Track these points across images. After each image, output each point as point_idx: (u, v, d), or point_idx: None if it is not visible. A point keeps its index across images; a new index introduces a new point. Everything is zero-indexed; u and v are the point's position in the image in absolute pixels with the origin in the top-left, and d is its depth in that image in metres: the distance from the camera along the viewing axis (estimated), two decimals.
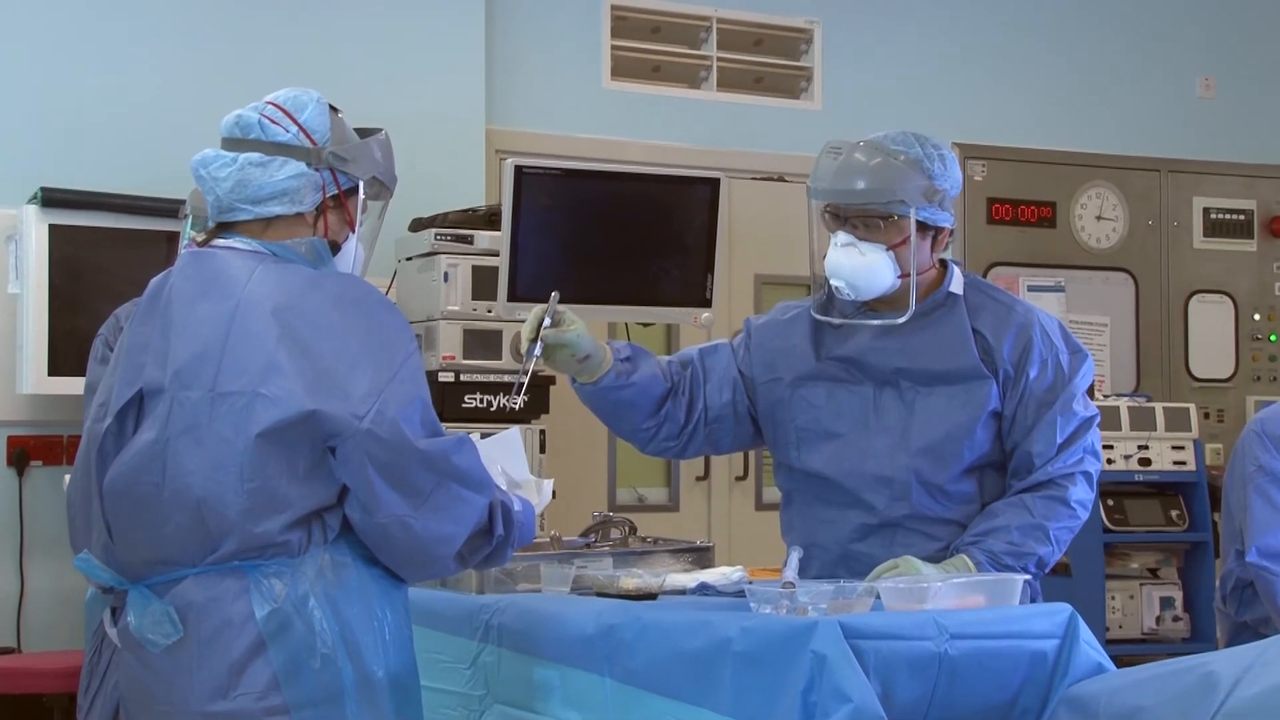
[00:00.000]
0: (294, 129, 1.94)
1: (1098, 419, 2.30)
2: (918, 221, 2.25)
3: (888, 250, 2.25)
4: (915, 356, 2.29)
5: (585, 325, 2.34)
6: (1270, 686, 1.60)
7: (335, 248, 1.97)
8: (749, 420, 2.42)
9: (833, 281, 2.29)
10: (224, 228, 1.96)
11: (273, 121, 1.94)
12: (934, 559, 2.24)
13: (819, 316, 2.36)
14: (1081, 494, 2.25)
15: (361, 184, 1.99)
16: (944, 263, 2.36)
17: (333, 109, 2.00)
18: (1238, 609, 2.54)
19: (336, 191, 1.96)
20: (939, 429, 2.26)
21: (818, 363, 2.35)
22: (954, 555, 2.23)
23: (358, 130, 2.02)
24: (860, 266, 2.25)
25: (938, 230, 2.31)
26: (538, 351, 2.28)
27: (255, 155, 1.92)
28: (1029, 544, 2.21)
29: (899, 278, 2.26)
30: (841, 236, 2.26)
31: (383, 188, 2.05)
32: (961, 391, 2.26)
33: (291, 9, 4.21)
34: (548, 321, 2.31)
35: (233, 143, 1.95)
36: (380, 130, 2.05)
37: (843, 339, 2.35)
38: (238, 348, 1.82)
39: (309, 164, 1.93)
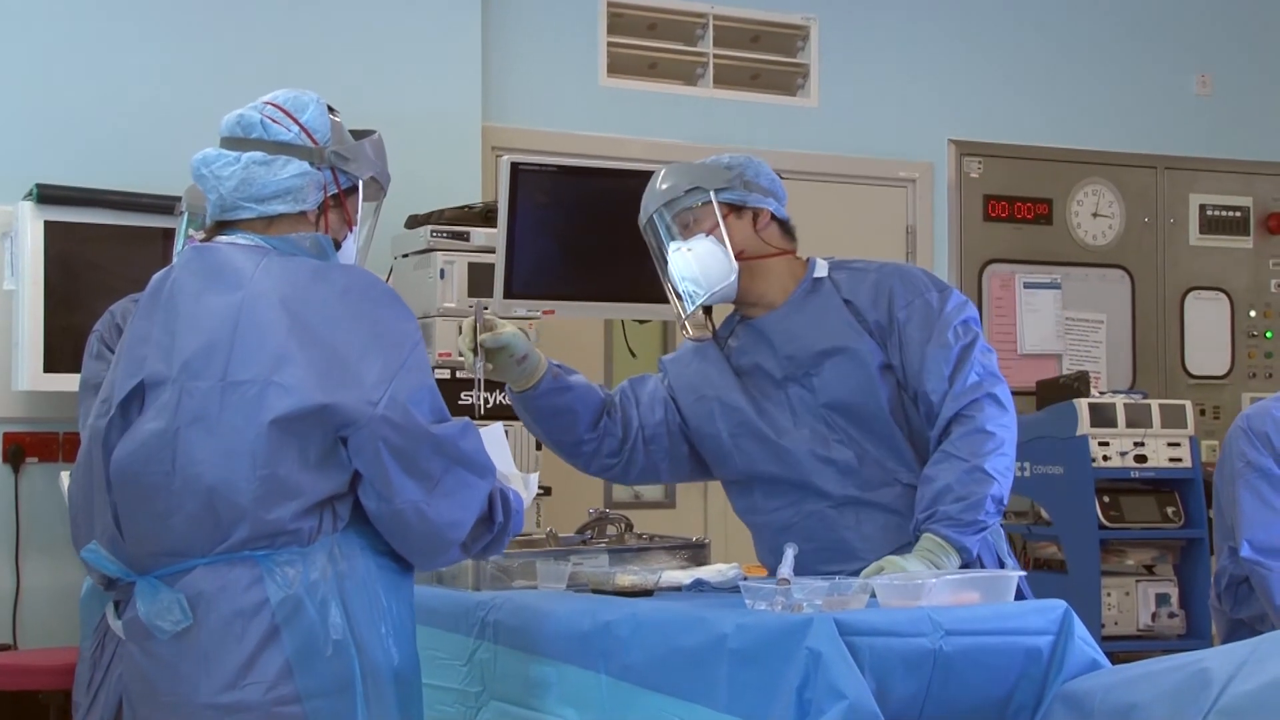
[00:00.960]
0: (296, 129, 1.96)
1: (979, 341, 2.32)
2: (729, 204, 2.40)
3: (708, 236, 2.38)
4: (799, 342, 2.38)
5: (519, 336, 2.40)
6: (1263, 683, 1.61)
7: (335, 246, 1.99)
8: (683, 440, 2.49)
9: (682, 287, 2.41)
10: (225, 226, 1.97)
11: (274, 121, 1.96)
12: (900, 529, 2.29)
13: (692, 337, 2.48)
14: (993, 414, 2.26)
15: (360, 183, 2.03)
16: (807, 260, 2.47)
17: (330, 110, 2.02)
18: (1233, 606, 2.55)
19: (337, 190, 1.98)
20: (840, 394, 2.34)
21: (733, 375, 2.45)
22: (917, 539, 2.24)
23: (352, 132, 2.05)
24: (694, 260, 2.38)
25: (756, 212, 2.43)
26: (481, 361, 2.34)
27: (258, 154, 1.93)
28: (973, 489, 2.21)
29: (736, 262, 2.37)
30: (671, 246, 2.41)
31: (379, 188, 2.08)
32: (847, 357, 2.35)
33: (288, 5, 4.21)
34: (480, 332, 2.37)
35: (234, 142, 1.96)
36: (374, 132, 2.08)
37: (742, 352, 2.45)
38: (248, 337, 1.83)
39: (311, 163, 1.95)
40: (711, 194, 2.38)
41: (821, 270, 2.43)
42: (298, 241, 1.94)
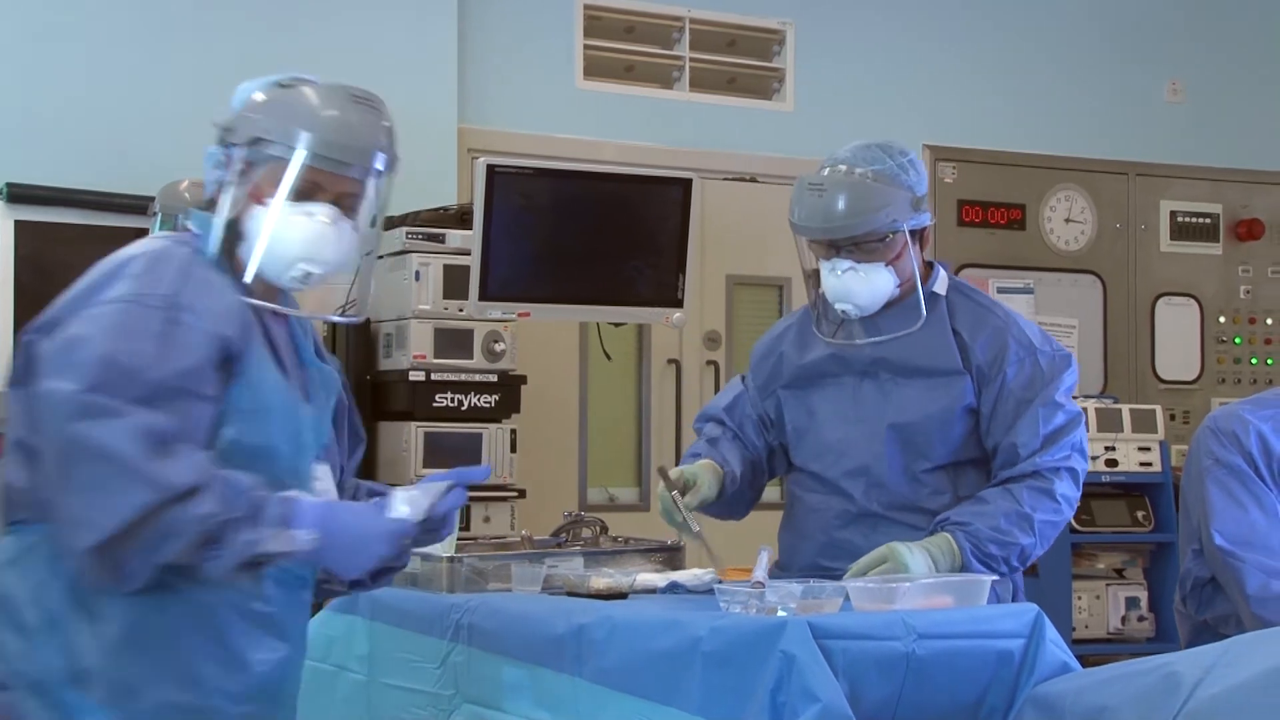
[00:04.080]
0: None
1: (1083, 419, 2.36)
2: (912, 232, 2.33)
3: (887, 266, 2.33)
4: (895, 349, 2.35)
5: (708, 474, 2.41)
6: (1231, 687, 1.63)
7: (235, 231, 1.84)
8: (783, 448, 2.52)
9: (838, 306, 2.36)
10: None
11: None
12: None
13: (830, 340, 2.42)
14: (1067, 489, 2.30)
15: (259, 151, 1.87)
16: (930, 263, 2.43)
17: (283, 84, 1.93)
18: (1197, 608, 2.57)
19: (227, 167, 1.86)
20: (913, 416, 2.33)
21: (801, 364, 2.44)
22: (937, 532, 2.26)
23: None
24: (866, 288, 2.33)
25: (923, 231, 2.38)
26: (696, 524, 2.38)
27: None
28: (1014, 532, 2.25)
29: (898, 286, 2.35)
30: (841, 263, 2.32)
31: (277, 155, 1.87)
32: (938, 384, 2.33)
33: (262, 7, 4.19)
34: (681, 495, 2.39)
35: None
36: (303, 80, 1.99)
37: (842, 334, 2.43)
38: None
39: (219, 143, 1.90)
40: (905, 226, 2.30)
41: (941, 287, 2.40)
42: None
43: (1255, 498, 2.45)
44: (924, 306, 2.33)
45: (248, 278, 1.83)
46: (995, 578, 2.13)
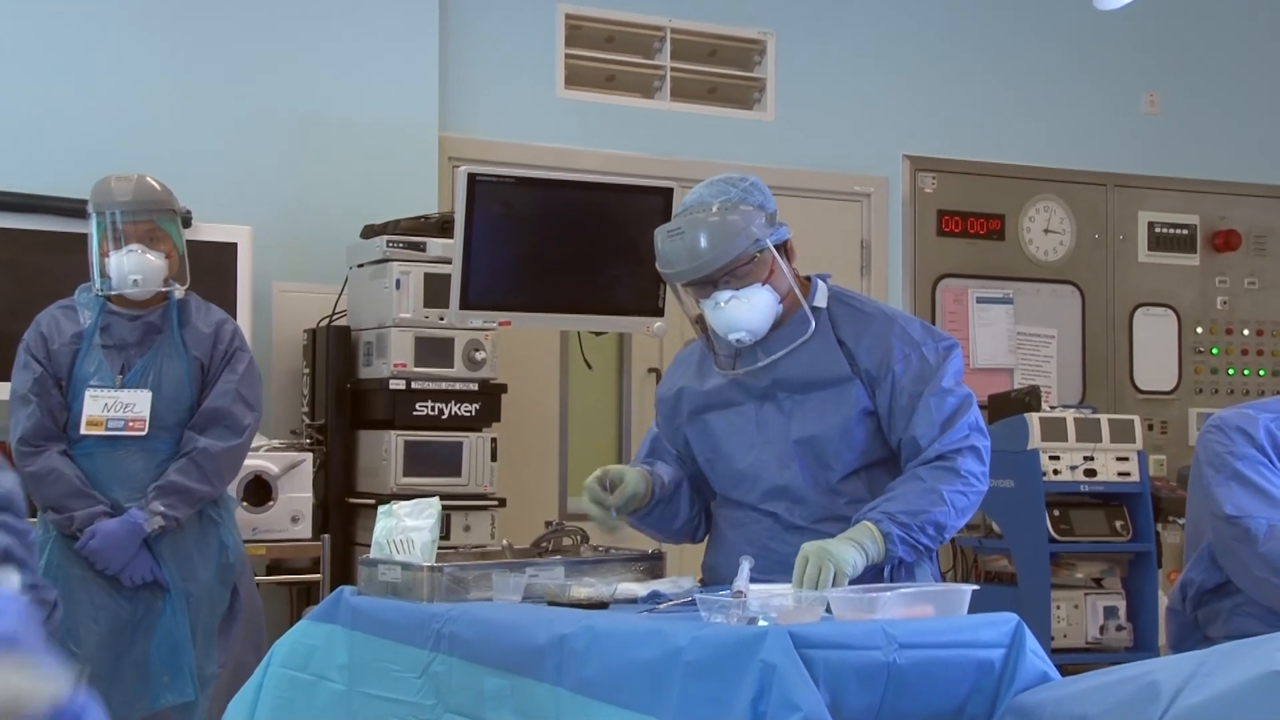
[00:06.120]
0: None
1: (974, 399, 2.39)
2: (777, 246, 2.39)
3: (764, 285, 2.38)
4: (789, 367, 2.41)
5: (635, 474, 2.45)
6: (1210, 697, 1.63)
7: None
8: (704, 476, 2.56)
9: (731, 336, 2.41)
10: None
11: None
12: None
13: (728, 373, 2.46)
14: (972, 465, 2.33)
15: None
16: (808, 278, 2.49)
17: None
18: (1202, 618, 2.59)
19: None
20: (816, 430, 2.38)
21: (703, 391, 2.49)
22: (855, 525, 2.29)
23: None
24: (751, 311, 2.38)
25: (786, 244, 2.44)
26: (616, 521, 2.44)
27: None
28: (923, 505, 2.27)
29: (779, 302, 2.41)
30: (721, 295, 2.38)
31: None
32: (833, 394, 2.38)
33: (242, 15, 4.18)
34: (609, 496, 2.43)
35: None
36: None
37: (728, 362, 2.47)
38: None
39: None
40: (769, 243, 2.36)
41: (822, 299, 2.45)
42: None
43: (1266, 479, 2.51)
44: (811, 316, 2.39)
45: None
46: (975, 587, 2.14)
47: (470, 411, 3.81)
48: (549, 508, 4.36)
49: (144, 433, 3.06)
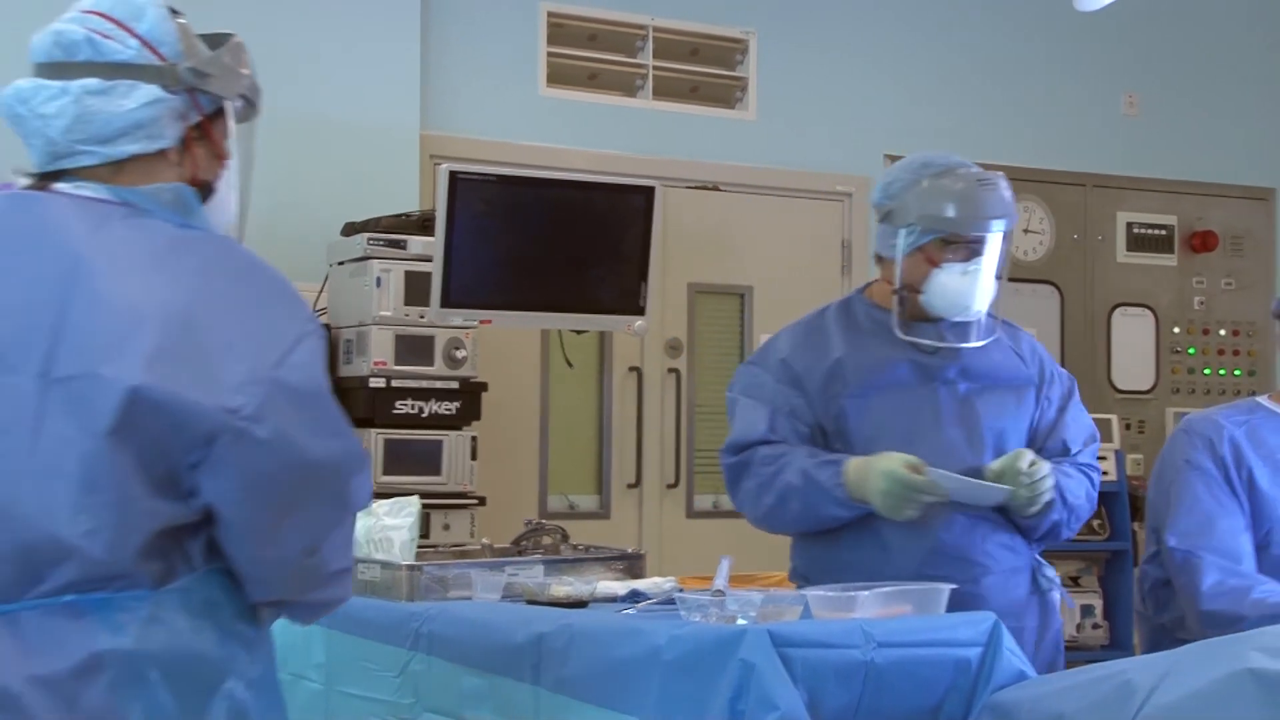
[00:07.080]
0: (135, 43, 1.53)
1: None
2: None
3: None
4: (975, 358, 2.44)
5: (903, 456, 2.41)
6: (1182, 696, 1.65)
7: (207, 191, 1.58)
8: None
9: (955, 309, 2.38)
10: (56, 175, 1.53)
11: (105, 36, 1.52)
12: (1010, 545, 2.42)
13: (932, 341, 2.42)
14: (1094, 488, 2.50)
15: (229, 105, 1.60)
16: None
17: (173, 11, 1.59)
18: (1155, 610, 2.59)
19: (200, 119, 1.56)
20: (1004, 424, 2.43)
21: (868, 367, 2.41)
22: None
23: (202, 37, 1.62)
24: (988, 289, 2.38)
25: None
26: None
27: (92, 82, 1.51)
28: (1079, 496, 2.43)
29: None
30: (971, 264, 2.35)
31: (250, 107, 1.66)
32: (1013, 394, 2.45)
33: (225, 12, 4.16)
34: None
35: (55, 68, 1.53)
36: (228, 35, 1.65)
37: (900, 346, 2.42)
38: (81, 322, 1.39)
39: (164, 86, 1.53)
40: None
41: None
42: (155, 195, 1.50)
43: (1219, 503, 2.47)
44: (995, 311, 2.45)
45: None
46: (953, 586, 2.15)
47: (450, 410, 3.81)
48: (529, 506, 4.36)
49: None
